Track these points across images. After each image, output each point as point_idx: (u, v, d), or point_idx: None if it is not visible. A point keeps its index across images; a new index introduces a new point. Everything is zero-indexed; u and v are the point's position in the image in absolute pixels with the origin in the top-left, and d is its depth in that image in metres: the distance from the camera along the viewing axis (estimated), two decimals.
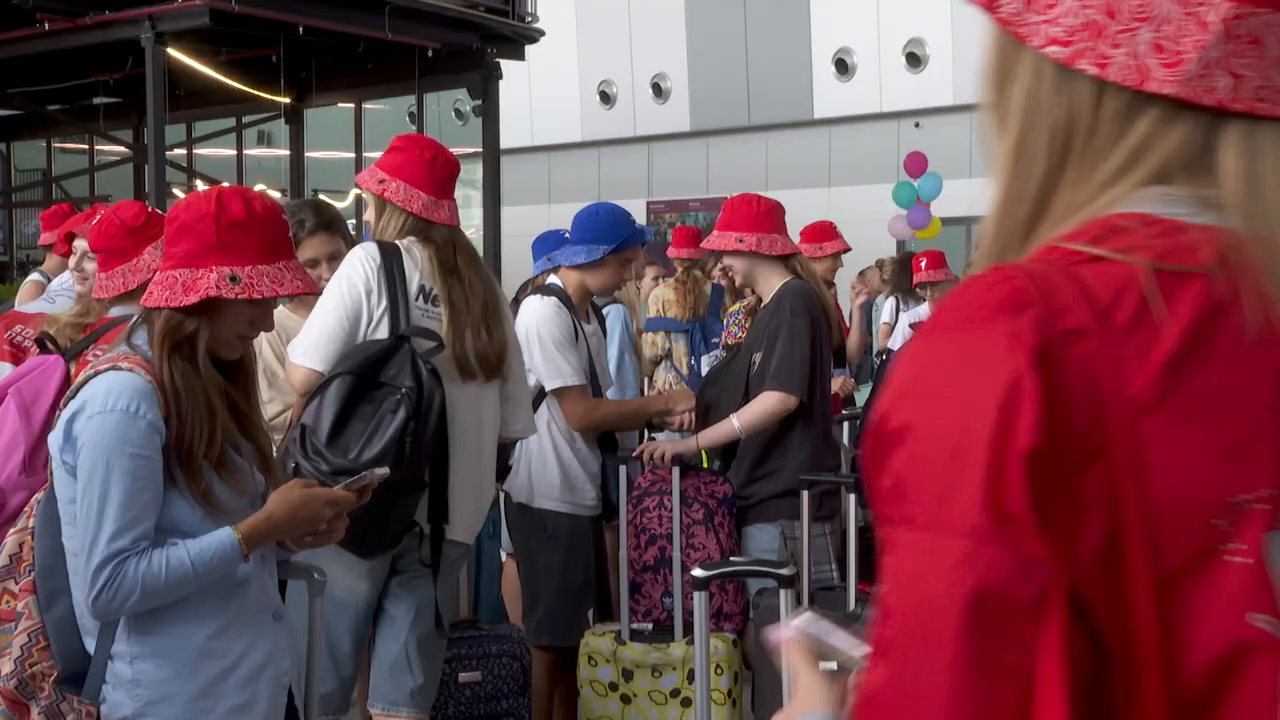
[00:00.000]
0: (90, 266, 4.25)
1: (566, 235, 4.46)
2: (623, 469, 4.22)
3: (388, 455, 3.06)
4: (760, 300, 4.38)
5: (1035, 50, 0.88)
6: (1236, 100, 0.82)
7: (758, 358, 4.18)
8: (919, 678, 0.77)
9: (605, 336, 4.84)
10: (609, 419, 4.30)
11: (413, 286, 3.37)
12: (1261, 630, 0.76)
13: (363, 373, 3.19)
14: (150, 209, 3.49)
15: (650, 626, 4.18)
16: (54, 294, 5.11)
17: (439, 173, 3.49)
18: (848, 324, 9.81)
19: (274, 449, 3.36)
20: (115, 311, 3.39)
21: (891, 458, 0.80)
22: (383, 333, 3.31)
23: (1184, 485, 0.78)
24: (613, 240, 4.28)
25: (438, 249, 3.43)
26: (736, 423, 4.15)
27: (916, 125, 19.00)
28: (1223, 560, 0.77)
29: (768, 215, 4.28)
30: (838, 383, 6.79)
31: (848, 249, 7.12)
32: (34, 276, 6.56)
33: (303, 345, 3.33)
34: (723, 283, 7.85)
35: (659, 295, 7.74)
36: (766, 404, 4.10)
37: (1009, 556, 0.75)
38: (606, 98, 22.40)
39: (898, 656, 0.78)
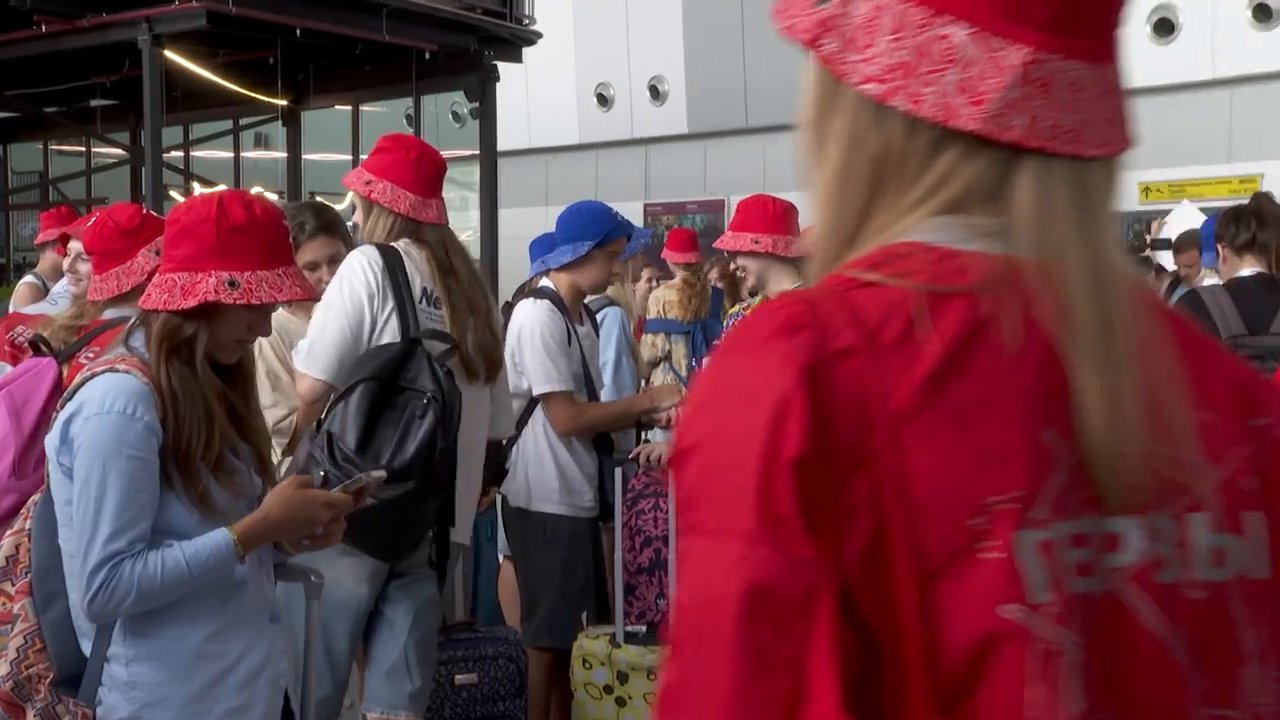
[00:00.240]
0: (84, 268, 4.25)
1: None
2: (618, 470, 4.21)
3: (419, 459, 3.07)
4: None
5: (854, 87, 0.93)
6: (1031, 138, 0.89)
7: None
8: (703, 672, 0.82)
9: (599, 338, 4.84)
10: (596, 422, 4.30)
11: (416, 289, 3.37)
12: (1012, 620, 0.82)
13: (385, 378, 3.19)
14: (145, 211, 3.49)
15: (644, 629, 4.18)
16: (57, 296, 5.12)
17: (425, 172, 3.49)
18: None
19: (279, 453, 3.37)
20: (110, 314, 3.39)
21: (684, 471, 0.86)
22: (388, 336, 3.31)
23: (942, 489, 0.83)
24: (595, 235, 4.28)
25: (433, 250, 3.43)
26: None
27: None
28: (978, 557, 0.83)
29: (783, 217, 4.29)
30: None
31: None
32: (28, 279, 6.57)
33: (307, 354, 3.33)
34: (720, 285, 7.85)
35: (660, 297, 7.73)
36: None
37: (779, 557, 0.81)
38: (604, 100, 22.38)
39: (687, 653, 0.84)
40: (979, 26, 0.89)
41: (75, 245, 4.47)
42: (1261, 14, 16.46)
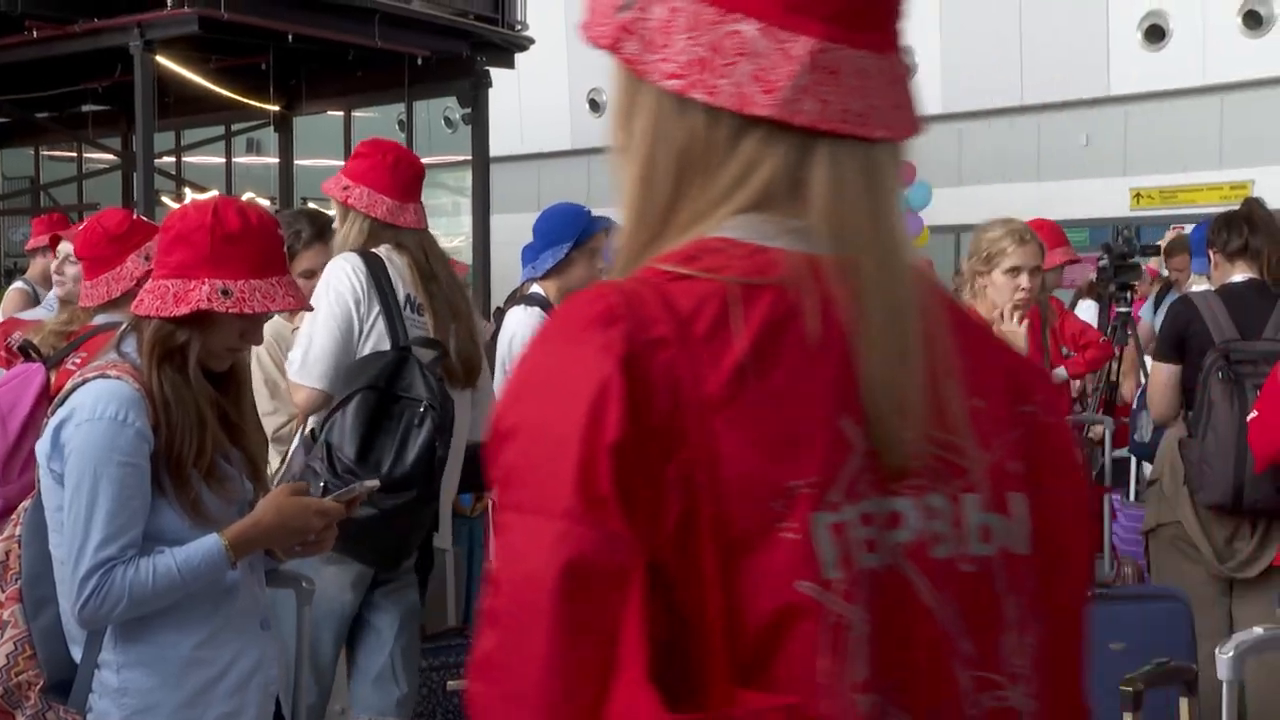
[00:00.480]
0: (70, 270, 4.25)
1: None
2: None
3: (420, 467, 3.07)
4: None
5: (654, 85, 0.98)
6: (823, 121, 0.95)
7: None
8: (522, 641, 0.88)
9: None
10: None
11: (400, 295, 3.37)
12: (806, 595, 0.89)
13: (382, 387, 3.19)
14: (135, 216, 3.49)
15: None
16: (52, 302, 5.12)
17: (402, 176, 3.48)
18: None
19: (279, 460, 3.37)
20: (100, 319, 3.38)
21: (503, 453, 0.92)
22: (374, 343, 3.30)
23: (748, 472, 0.89)
24: (572, 235, 4.29)
25: (413, 256, 3.42)
26: None
27: None
28: (777, 536, 0.89)
29: None
30: None
31: None
32: (18, 284, 6.56)
33: (300, 363, 3.32)
34: None
35: None
36: None
37: (596, 533, 0.86)
38: (596, 106, 22.39)
39: (505, 623, 0.90)
40: (767, 21, 0.95)
41: (64, 247, 4.46)
42: (1252, 20, 16.50)
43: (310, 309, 3.24)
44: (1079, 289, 9.04)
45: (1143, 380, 5.88)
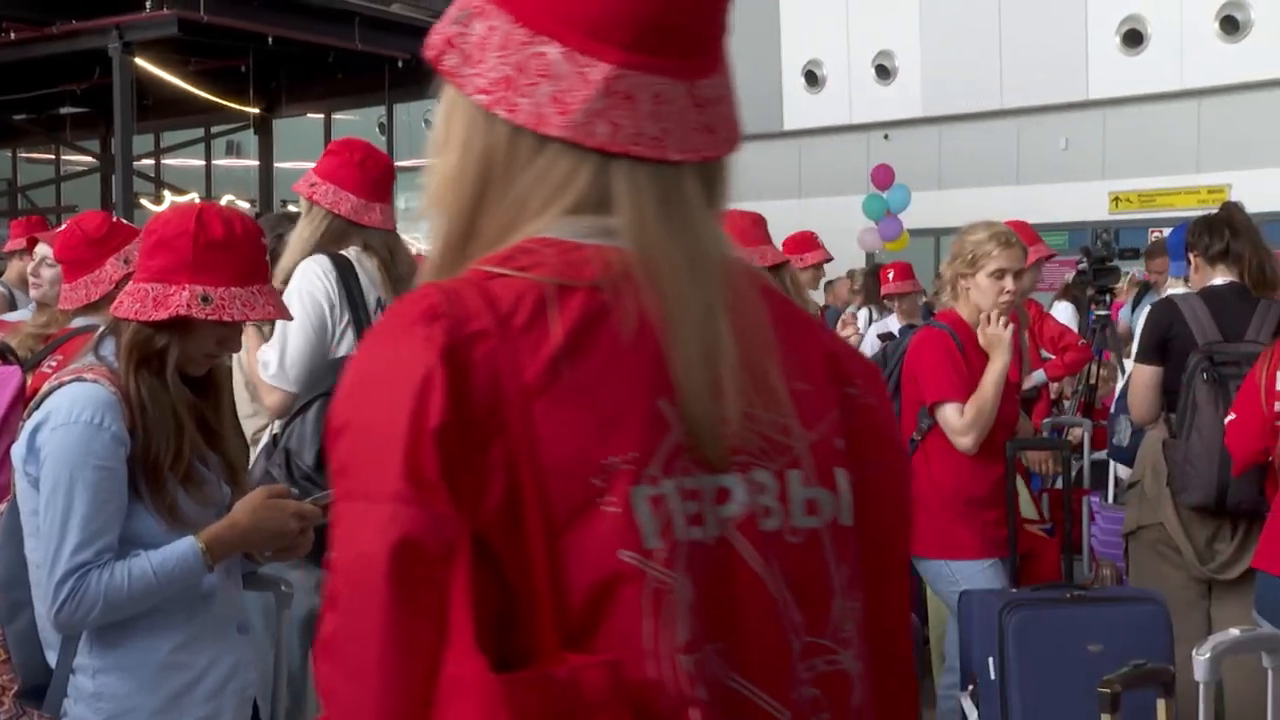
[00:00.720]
0: (47, 273, 4.23)
1: None
2: None
3: None
4: None
5: (468, 97, 1.04)
6: (613, 144, 1.01)
7: None
8: (359, 619, 0.94)
9: None
10: None
11: (370, 299, 3.35)
12: (629, 564, 0.95)
13: None
14: (115, 219, 3.47)
15: None
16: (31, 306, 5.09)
17: (369, 174, 3.46)
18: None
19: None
20: (78, 322, 3.37)
21: (337, 445, 0.98)
22: (345, 347, 3.28)
23: (567, 453, 0.96)
24: None
25: (382, 259, 3.41)
26: None
27: (885, 137, 19.09)
28: (599, 510, 0.96)
29: (753, 228, 4.26)
30: None
31: (829, 258, 7.14)
32: None
33: (275, 367, 3.29)
34: None
35: None
36: None
37: (423, 515, 0.93)
38: None
39: (343, 605, 0.95)
40: (570, 46, 1.01)
41: (41, 250, 4.44)
42: (1229, 25, 16.59)
43: (290, 318, 3.23)
44: (1056, 291, 9.08)
45: (1121, 382, 5.91)
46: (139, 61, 12.24)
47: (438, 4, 13.62)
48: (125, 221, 3.51)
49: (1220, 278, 4.16)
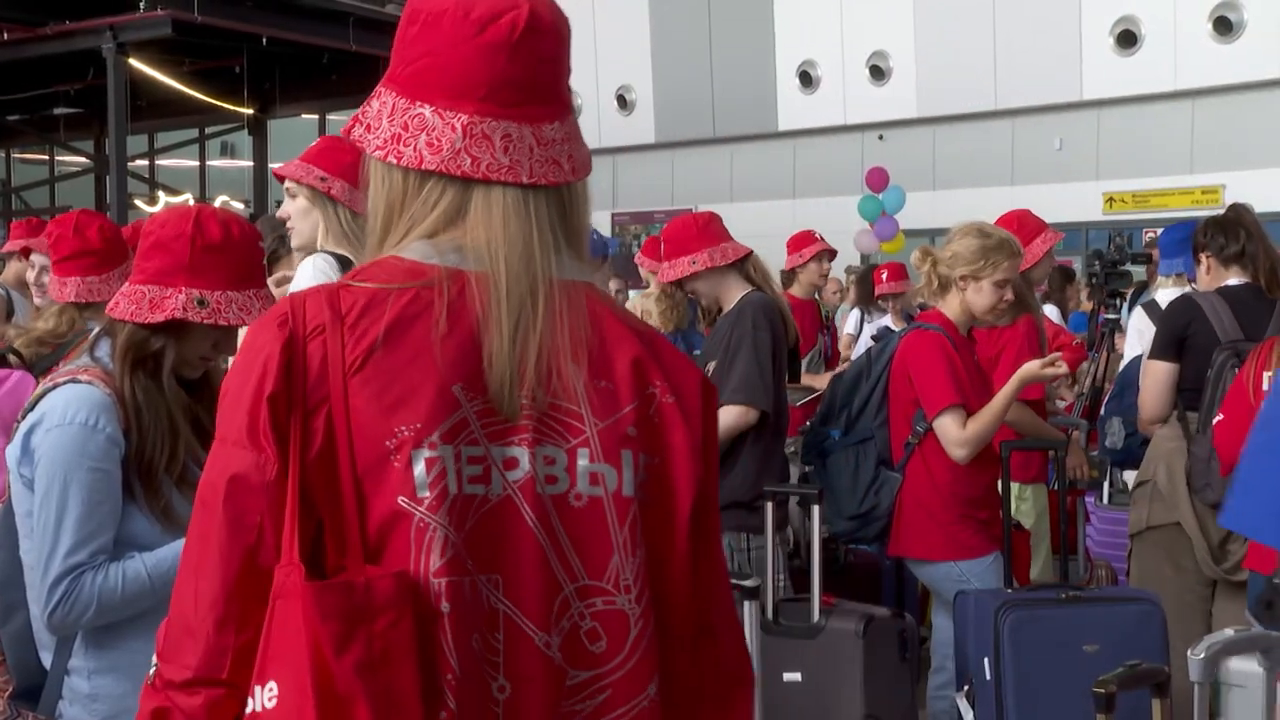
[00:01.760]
0: (48, 280, 4.22)
1: None
2: None
3: None
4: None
5: (372, 155, 1.42)
6: (475, 172, 1.37)
7: (712, 367, 4.16)
8: (205, 530, 1.33)
9: None
10: None
11: None
12: (404, 507, 1.30)
13: None
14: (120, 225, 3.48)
15: None
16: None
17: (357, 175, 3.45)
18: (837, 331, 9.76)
19: None
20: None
21: (219, 406, 1.36)
22: None
23: (370, 420, 1.31)
24: None
25: None
26: None
27: (880, 138, 19.10)
28: (390, 465, 1.30)
29: (708, 228, 4.26)
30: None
31: (829, 249, 7.11)
32: None
33: None
34: (695, 296, 7.79)
35: (639, 306, 7.63)
36: (727, 417, 4.04)
37: (253, 456, 1.31)
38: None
39: (196, 517, 1.34)
40: (437, 105, 1.39)
41: (39, 259, 4.44)
42: (1222, 26, 16.62)
43: None
44: (1042, 293, 9.08)
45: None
46: (133, 62, 12.23)
47: None
48: (117, 222, 3.50)
49: (1235, 279, 4.16)
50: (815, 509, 3.83)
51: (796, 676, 3.77)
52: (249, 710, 1.28)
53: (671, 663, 1.42)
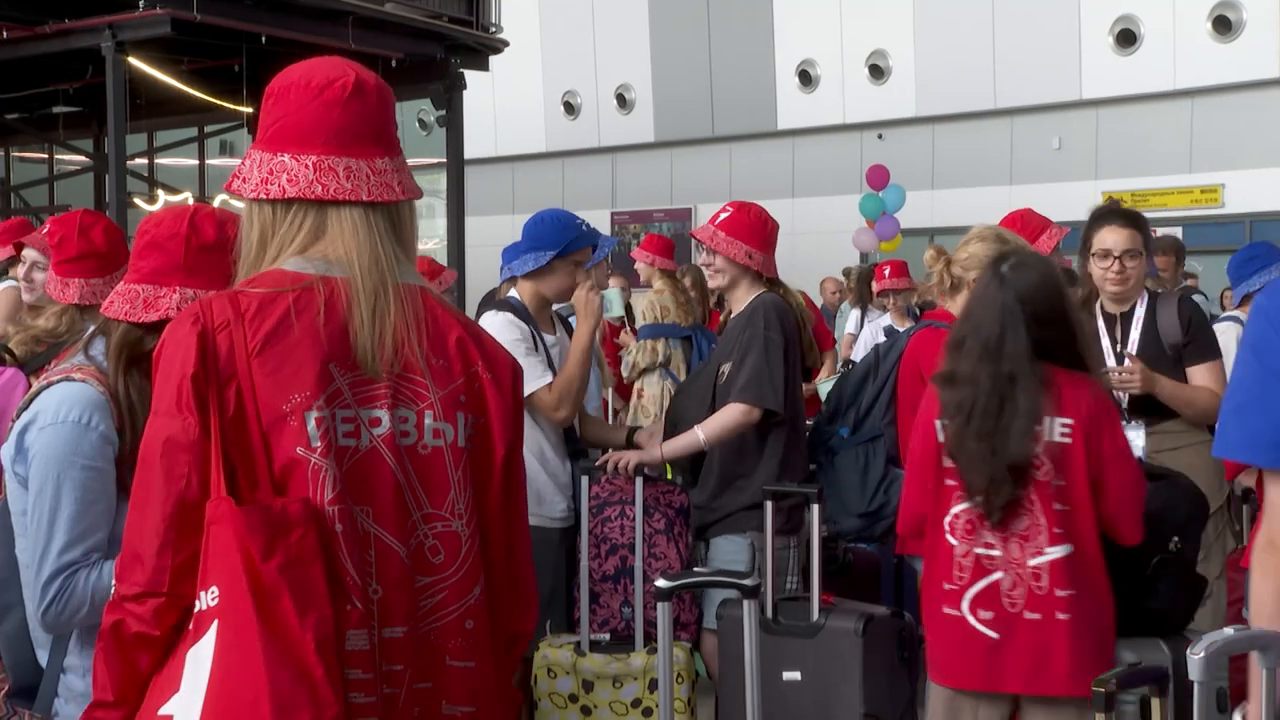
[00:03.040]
0: (39, 277, 4.21)
1: None
2: (584, 479, 4.19)
3: None
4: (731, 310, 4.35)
5: (247, 198, 1.85)
6: (327, 195, 1.82)
7: (726, 368, 4.14)
8: (146, 481, 1.72)
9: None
10: (581, 386, 4.22)
11: None
12: (300, 455, 1.72)
13: None
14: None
15: (607, 637, 4.16)
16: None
17: None
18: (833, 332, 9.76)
19: None
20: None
21: (154, 386, 1.75)
22: None
23: (272, 390, 1.73)
24: (557, 245, 4.24)
25: None
26: (701, 434, 4.12)
27: (879, 137, 19.10)
28: (287, 424, 1.72)
29: (772, 236, 4.26)
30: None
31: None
32: (8, 283, 6.46)
33: None
34: (694, 294, 7.76)
35: (657, 301, 7.58)
36: (730, 415, 4.06)
37: (180, 422, 1.70)
38: (571, 108, 22.38)
39: (140, 471, 1.73)
40: (291, 152, 1.83)
41: (30, 254, 4.43)
42: (1222, 26, 16.62)
43: None
44: None
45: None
46: (132, 61, 12.21)
47: (431, 3, 13.61)
48: (115, 222, 3.49)
49: None
50: (815, 508, 3.82)
51: (796, 675, 3.77)
52: (196, 610, 1.65)
53: (490, 574, 1.88)
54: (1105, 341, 4.09)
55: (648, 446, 4.27)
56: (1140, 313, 4.16)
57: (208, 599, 1.64)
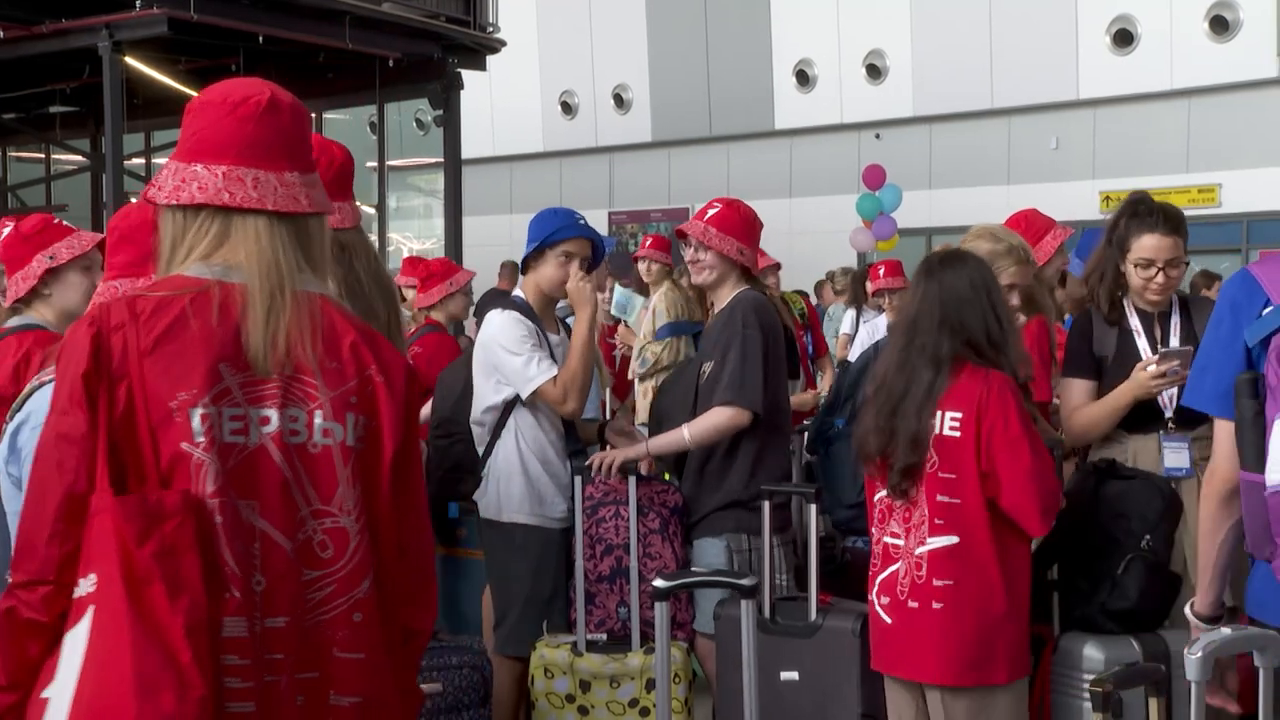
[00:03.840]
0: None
1: None
2: (577, 479, 4.18)
3: None
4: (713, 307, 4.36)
5: (162, 204, 1.94)
6: (233, 203, 1.90)
7: (708, 367, 4.15)
8: (41, 475, 1.81)
9: None
10: (585, 379, 4.20)
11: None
12: (185, 450, 1.80)
13: None
14: (55, 221, 3.51)
15: (604, 637, 4.16)
16: None
17: (325, 174, 3.45)
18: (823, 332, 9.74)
19: None
20: (14, 322, 3.40)
21: (55, 382, 1.85)
22: None
23: (160, 389, 1.81)
24: (539, 235, 4.24)
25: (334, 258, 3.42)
26: (687, 434, 4.11)
27: (876, 137, 19.10)
28: (174, 420, 1.80)
29: (759, 232, 4.29)
30: (809, 395, 6.71)
31: (775, 263, 7.09)
32: None
33: None
34: (691, 294, 7.70)
35: (674, 299, 7.48)
36: (718, 419, 4.05)
37: (71, 419, 1.79)
38: (568, 108, 22.38)
39: (35, 466, 1.82)
40: (203, 162, 1.92)
41: None
42: (1219, 25, 16.63)
43: None
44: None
45: None
46: (129, 60, 12.21)
47: (428, 3, 13.61)
48: (65, 224, 3.53)
49: None
50: (812, 507, 3.82)
51: (794, 675, 3.77)
52: (75, 596, 1.74)
53: (382, 571, 1.93)
54: (1144, 341, 3.98)
55: (625, 443, 4.29)
56: (1175, 312, 4.02)
57: (86, 585, 1.72)
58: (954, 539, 3.18)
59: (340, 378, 1.89)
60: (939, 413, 3.21)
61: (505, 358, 4.19)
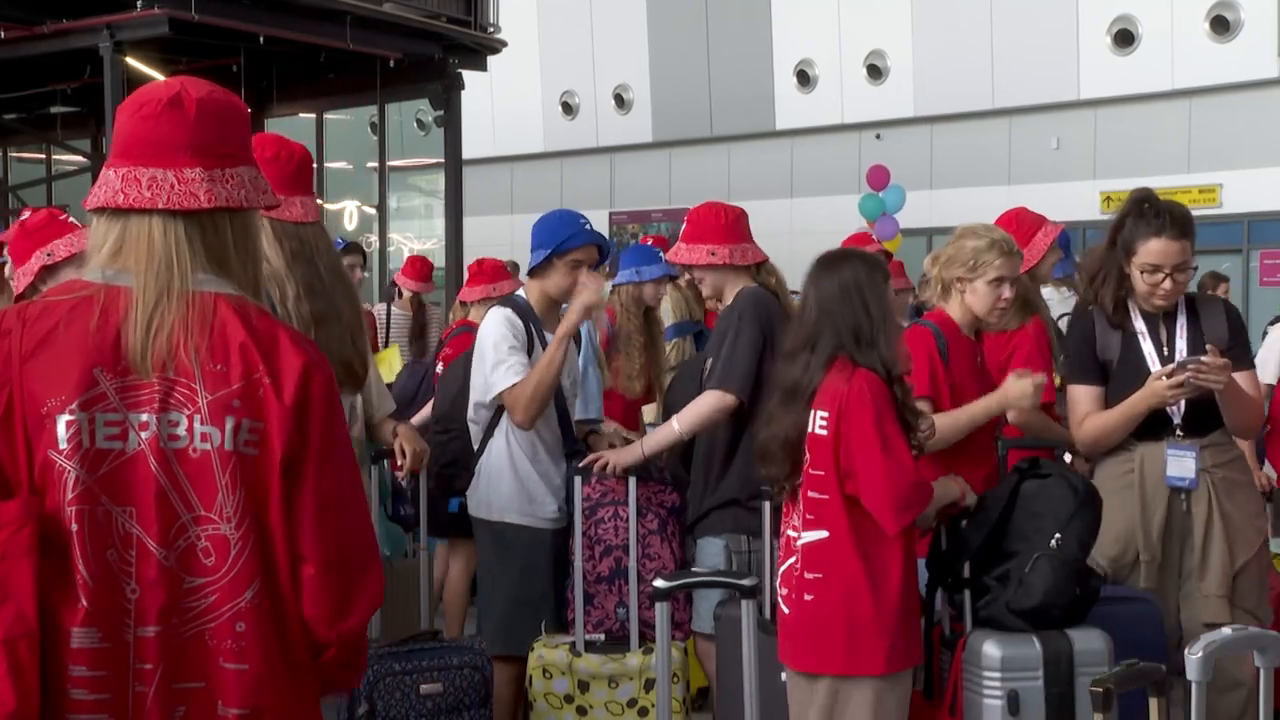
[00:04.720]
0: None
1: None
2: (576, 480, 4.18)
3: None
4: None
5: (86, 209, 1.94)
6: (126, 203, 1.89)
7: (710, 363, 4.17)
8: None
9: (580, 348, 4.75)
10: (547, 390, 4.12)
11: (275, 293, 3.36)
12: (50, 456, 1.80)
13: None
14: (61, 217, 3.50)
15: (602, 637, 4.16)
16: None
17: (284, 169, 3.46)
18: None
19: None
20: None
21: None
22: None
23: (36, 394, 1.80)
24: (551, 243, 4.22)
25: (292, 249, 3.42)
26: (677, 425, 4.11)
27: (877, 137, 19.11)
28: (45, 426, 1.80)
29: (735, 225, 4.24)
30: None
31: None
32: None
33: None
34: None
35: (679, 301, 7.46)
36: (702, 404, 4.05)
37: None
38: (569, 108, 22.39)
39: None
40: (113, 165, 1.91)
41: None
42: (1220, 26, 16.63)
43: None
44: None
45: None
46: (130, 61, 12.20)
47: (429, 4, 13.60)
48: (68, 221, 3.52)
49: None
50: None
51: None
52: None
53: (277, 581, 1.87)
54: (1150, 344, 3.87)
55: (603, 446, 4.29)
56: (1181, 314, 3.89)
57: None
58: (824, 534, 3.25)
59: (224, 381, 1.85)
60: (811, 412, 3.27)
61: (483, 357, 4.19)
